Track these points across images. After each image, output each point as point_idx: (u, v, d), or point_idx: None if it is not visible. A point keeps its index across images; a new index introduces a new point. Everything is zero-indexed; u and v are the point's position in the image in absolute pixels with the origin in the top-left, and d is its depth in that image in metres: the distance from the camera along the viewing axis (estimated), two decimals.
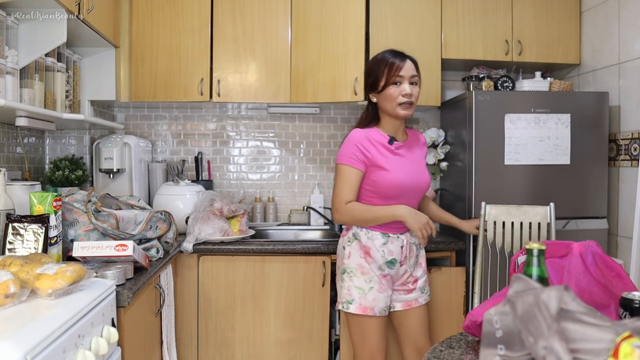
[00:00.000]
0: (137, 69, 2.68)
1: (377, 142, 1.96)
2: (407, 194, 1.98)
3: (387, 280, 1.99)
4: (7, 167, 2.23)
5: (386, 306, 1.99)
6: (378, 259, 1.97)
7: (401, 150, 2.00)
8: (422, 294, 2.07)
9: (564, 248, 1.17)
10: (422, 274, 2.09)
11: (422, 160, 2.09)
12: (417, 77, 1.98)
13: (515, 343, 0.80)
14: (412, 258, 2.04)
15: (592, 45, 2.80)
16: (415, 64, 1.99)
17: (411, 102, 1.94)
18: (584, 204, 2.59)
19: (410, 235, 2.03)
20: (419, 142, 2.11)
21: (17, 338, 0.94)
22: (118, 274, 1.52)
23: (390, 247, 1.98)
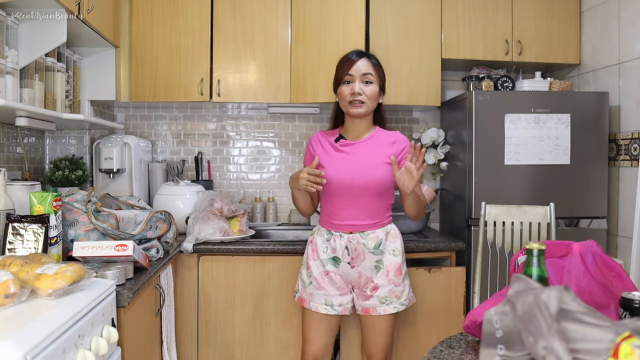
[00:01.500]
0: (137, 69, 2.68)
1: (327, 141, 2.01)
2: (348, 192, 1.93)
3: (331, 279, 1.96)
4: (7, 167, 2.23)
5: (329, 305, 1.96)
6: (321, 255, 1.98)
7: (348, 148, 1.96)
8: (382, 305, 1.95)
9: (564, 248, 1.17)
10: (387, 284, 1.95)
11: (380, 159, 1.93)
12: (372, 75, 1.92)
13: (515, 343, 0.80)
14: (365, 261, 1.94)
15: (592, 45, 2.80)
16: (374, 62, 1.96)
17: (361, 101, 1.90)
18: (584, 204, 2.59)
19: (360, 237, 1.94)
20: (386, 142, 1.98)
21: (17, 338, 0.94)
22: (118, 274, 1.52)
23: (332, 245, 1.96)
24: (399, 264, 1.97)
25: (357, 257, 1.94)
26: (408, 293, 2.00)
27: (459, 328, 2.38)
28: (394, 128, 3.14)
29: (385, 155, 1.93)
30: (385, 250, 1.95)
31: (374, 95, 1.93)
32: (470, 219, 2.58)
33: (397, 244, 1.98)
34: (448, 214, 2.97)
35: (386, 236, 1.97)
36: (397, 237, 2.00)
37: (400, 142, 1.98)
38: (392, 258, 1.96)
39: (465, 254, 2.57)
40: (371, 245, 1.94)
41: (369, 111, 1.95)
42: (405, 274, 2.01)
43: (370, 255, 1.94)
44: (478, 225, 2.42)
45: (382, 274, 1.94)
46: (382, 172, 1.92)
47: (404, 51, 2.77)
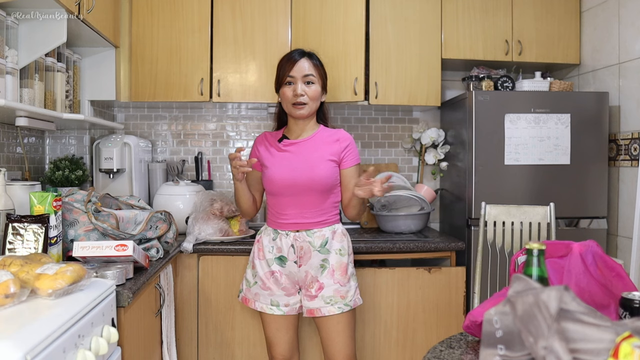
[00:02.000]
0: (137, 69, 2.68)
1: (270, 142, 2.02)
2: (291, 190, 1.93)
3: (277, 279, 1.95)
4: (7, 167, 2.23)
5: (275, 305, 1.96)
6: (267, 255, 1.97)
7: (291, 148, 1.97)
8: (326, 305, 1.91)
9: (564, 248, 1.17)
10: (333, 283, 1.92)
11: (323, 157, 1.94)
12: (313, 75, 1.93)
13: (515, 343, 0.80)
14: (311, 259, 1.93)
15: (592, 45, 2.80)
16: (315, 63, 1.96)
17: (303, 102, 1.91)
18: (584, 204, 2.59)
19: (306, 235, 1.93)
20: (330, 140, 1.98)
21: (17, 338, 0.94)
22: (118, 274, 1.52)
23: (278, 244, 1.95)
24: (345, 264, 1.95)
25: (303, 255, 1.93)
26: (354, 294, 1.96)
27: (459, 328, 2.38)
28: (394, 128, 3.18)
29: (329, 152, 1.95)
30: (331, 250, 1.94)
31: (316, 95, 1.94)
32: (470, 219, 2.58)
33: (343, 244, 1.97)
34: (448, 214, 2.97)
35: (333, 235, 1.95)
36: (345, 236, 2.00)
37: (343, 139, 1.98)
38: (338, 257, 1.94)
39: (465, 254, 2.57)
40: (317, 244, 1.93)
41: (311, 112, 1.96)
42: (352, 275, 1.99)
43: (316, 253, 1.93)
44: (478, 225, 2.42)
45: (327, 273, 1.92)
46: (325, 169, 1.92)
47: (404, 51, 2.77)
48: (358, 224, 3.05)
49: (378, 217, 2.79)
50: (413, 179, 3.14)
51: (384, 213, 2.74)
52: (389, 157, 3.17)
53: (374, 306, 2.43)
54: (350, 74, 2.70)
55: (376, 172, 3.06)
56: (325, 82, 2.00)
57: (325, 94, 2.01)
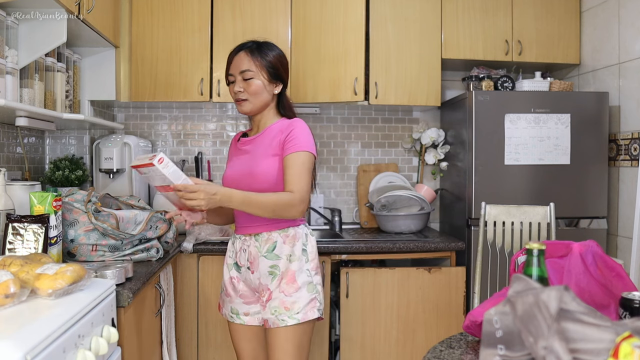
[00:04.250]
0: (137, 69, 2.68)
1: (235, 142, 1.93)
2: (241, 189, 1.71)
3: (234, 286, 1.82)
4: (7, 167, 2.23)
5: (235, 314, 1.82)
6: (228, 260, 1.86)
7: (247, 146, 1.84)
8: (271, 316, 1.71)
9: (564, 248, 1.17)
10: (279, 293, 1.71)
11: (266, 152, 1.76)
12: (250, 70, 1.76)
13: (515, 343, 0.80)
14: (259, 265, 1.74)
15: (592, 45, 2.80)
16: (253, 55, 1.78)
17: (243, 99, 1.77)
18: (584, 204, 2.59)
19: (254, 239, 1.76)
20: (277, 132, 1.78)
21: (17, 338, 0.94)
22: (118, 273, 1.52)
23: (236, 248, 1.83)
24: (293, 272, 1.73)
25: (253, 261, 1.76)
26: (304, 306, 1.71)
27: (459, 328, 2.38)
28: (394, 128, 3.18)
29: (273, 146, 1.75)
30: (281, 255, 1.74)
31: (257, 89, 1.76)
32: (470, 219, 2.58)
33: (295, 248, 1.75)
34: (448, 214, 2.97)
35: (284, 239, 1.75)
36: (297, 240, 1.76)
37: (287, 128, 1.76)
38: (286, 264, 1.73)
39: (465, 254, 2.57)
40: (264, 249, 1.74)
41: (255, 107, 1.79)
42: (308, 285, 1.74)
43: (263, 259, 1.74)
44: (478, 225, 2.42)
45: (277, 281, 1.73)
46: (266, 166, 1.73)
47: (404, 51, 2.77)
48: (358, 223, 3.05)
49: (378, 217, 2.79)
50: (413, 179, 3.14)
51: (384, 213, 2.74)
52: (389, 157, 3.17)
53: (374, 306, 2.44)
54: (350, 74, 2.70)
55: (376, 172, 3.06)
56: (274, 72, 1.78)
57: (280, 83, 1.81)
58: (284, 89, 1.84)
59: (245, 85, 1.77)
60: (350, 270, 2.46)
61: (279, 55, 1.82)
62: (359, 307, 2.44)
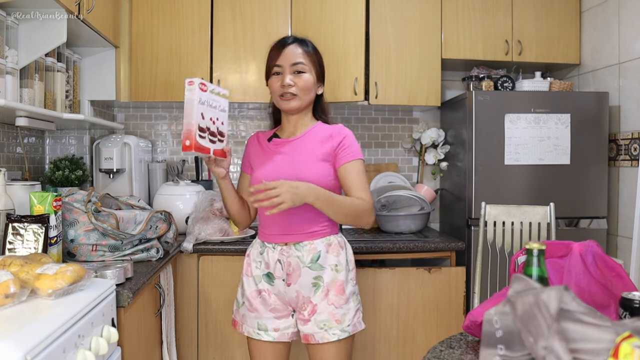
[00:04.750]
0: (137, 69, 2.68)
1: (261, 142, 1.79)
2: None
3: (264, 299, 1.69)
4: (7, 167, 2.23)
5: (262, 330, 1.69)
6: (254, 271, 1.71)
7: (280, 148, 1.72)
8: (320, 331, 1.62)
9: (564, 248, 1.17)
10: (327, 305, 1.62)
11: (314, 157, 1.67)
12: (303, 63, 1.66)
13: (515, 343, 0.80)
14: (301, 277, 1.64)
15: (592, 45, 2.80)
16: (306, 50, 1.70)
17: (292, 93, 1.65)
18: (584, 204, 2.59)
19: (295, 249, 1.65)
20: (322, 137, 1.70)
21: (17, 338, 0.94)
22: (118, 273, 1.52)
23: (266, 259, 1.69)
24: (341, 282, 1.65)
25: (292, 272, 1.64)
26: (353, 318, 1.66)
27: (459, 328, 2.38)
28: (394, 128, 3.18)
29: (321, 151, 1.67)
30: (325, 265, 1.65)
31: (307, 86, 1.67)
32: (470, 219, 2.58)
33: (340, 258, 1.67)
34: (448, 214, 2.97)
35: (327, 248, 1.66)
36: (342, 249, 1.70)
37: (337, 134, 1.68)
38: (333, 274, 1.65)
39: (465, 254, 2.57)
40: (307, 259, 1.64)
41: (303, 105, 1.69)
42: (353, 295, 1.68)
43: (306, 270, 1.64)
44: (478, 225, 2.42)
45: (321, 293, 1.64)
46: (314, 171, 1.64)
47: (404, 51, 2.77)
48: None
49: (378, 217, 2.79)
50: (413, 179, 3.14)
51: (384, 213, 2.74)
52: (389, 157, 3.17)
53: (374, 306, 2.43)
54: (350, 74, 2.70)
55: (376, 172, 3.06)
56: (320, 71, 1.73)
57: (321, 85, 1.75)
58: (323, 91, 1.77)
59: (297, 79, 1.66)
60: None
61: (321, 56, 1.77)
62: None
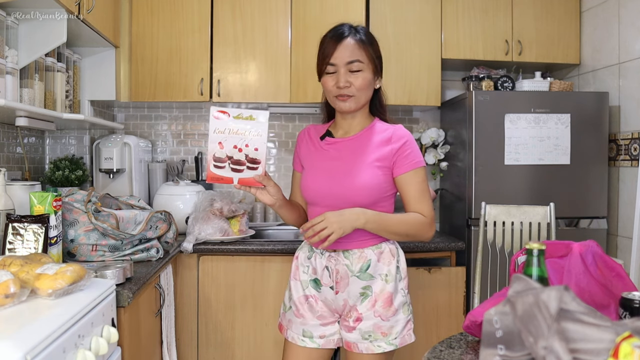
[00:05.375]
0: (137, 69, 2.68)
1: (313, 139, 1.67)
2: (327, 200, 1.56)
3: (312, 305, 1.60)
4: (7, 167, 2.23)
5: (308, 337, 1.60)
6: (302, 275, 1.63)
7: (334, 147, 1.61)
8: (364, 341, 1.54)
9: (564, 248, 1.17)
10: (373, 316, 1.54)
11: (368, 162, 1.55)
12: (359, 61, 1.53)
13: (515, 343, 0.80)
14: (349, 286, 1.55)
15: (592, 45, 2.80)
16: (362, 42, 1.56)
17: (348, 95, 1.54)
18: (584, 204, 2.59)
19: (344, 256, 1.56)
20: (380, 139, 1.57)
21: (17, 338, 0.94)
22: (118, 273, 1.52)
23: (313, 264, 1.60)
24: (390, 293, 1.55)
25: (340, 280, 1.56)
26: (402, 330, 1.57)
27: (459, 328, 2.38)
28: None
29: (377, 156, 1.55)
30: (375, 275, 1.56)
31: (365, 85, 1.54)
32: (470, 219, 2.58)
33: (391, 267, 1.57)
34: (448, 214, 2.97)
35: (378, 257, 1.56)
36: (394, 258, 1.59)
37: (397, 139, 1.56)
38: (382, 284, 1.55)
39: (465, 254, 2.57)
40: (356, 268, 1.55)
41: (360, 104, 1.57)
42: (404, 306, 1.58)
43: (355, 279, 1.55)
44: (478, 225, 2.42)
45: (368, 302, 1.55)
46: (369, 177, 1.53)
47: (404, 51, 2.77)
48: None
49: None
50: None
51: None
52: None
53: None
54: None
55: None
56: (379, 64, 1.59)
57: (379, 79, 1.61)
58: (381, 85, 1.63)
59: (353, 79, 1.53)
60: None
61: (379, 45, 1.62)
62: None
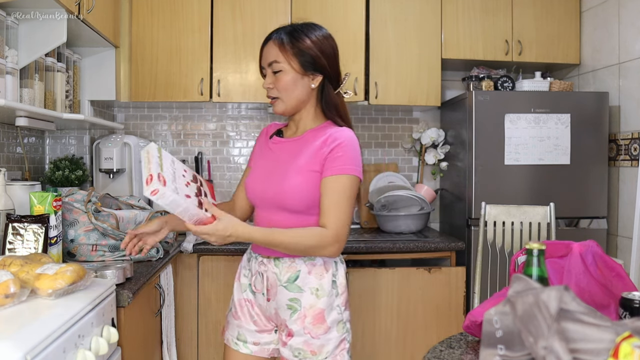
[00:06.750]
0: (137, 69, 2.68)
1: (265, 136, 1.63)
2: (262, 204, 1.51)
3: (249, 310, 1.53)
4: (7, 167, 2.23)
5: (242, 341, 1.54)
6: (242, 278, 1.57)
7: (278, 147, 1.54)
8: (294, 358, 1.44)
9: (564, 248, 1.17)
10: (302, 333, 1.44)
11: (302, 165, 1.44)
12: (277, 62, 1.46)
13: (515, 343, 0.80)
14: (277, 295, 1.46)
15: (592, 45, 2.80)
16: (283, 42, 1.46)
17: (272, 96, 1.49)
18: (584, 204, 2.59)
19: (274, 264, 1.46)
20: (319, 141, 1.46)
21: (17, 338, 0.94)
22: (117, 273, 1.52)
23: (251, 267, 1.54)
24: (321, 310, 1.43)
25: (270, 288, 1.47)
26: (334, 350, 1.44)
27: (459, 328, 2.38)
28: (394, 128, 3.18)
29: (312, 159, 1.44)
30: (304, 287, 1.44)
31: (287, 85, 1.45)
32: (470, 219, 2.58)
33: (323, 282, 1.45)
34: (448, 214, 2.97)
35: (310, 269, 1.45)
36: (328, 271, 1.46)
37: (332, 140, 1.43)
38: (312, 299, 1.44)
39: (465, 254, 2.57)
40: (284, 277, 1.45)
41: (290, 106, 1.49)
42: (338, 324, 1.46)
43: (282, 289, 1.45)
44: (478, 225, 2.42)
45: (297, 318, 1.44)
46: (300, 182, 1.42)
47: (404, 51, 2.77)
48: (358, 223, 3.05)
49: (378, 217, 2.79)
50: (413, 179, 3.14)
51: (384, 213, 2.74)
52: (389, 157, 3.17)
53: (374, 306, 2.43)
54: (351, 74, 2.70)
55: (376, 172, 3.06)
56: (309, 61, 1.46)
57: (318, 76, 1.48)
58: (328, 83, 1.50)
59: (274, 80, 1.47)
60: (350, 270, 2.46)
61: (317, 39, 1.47)
62: (359, 307, 2.43)
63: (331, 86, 1.51)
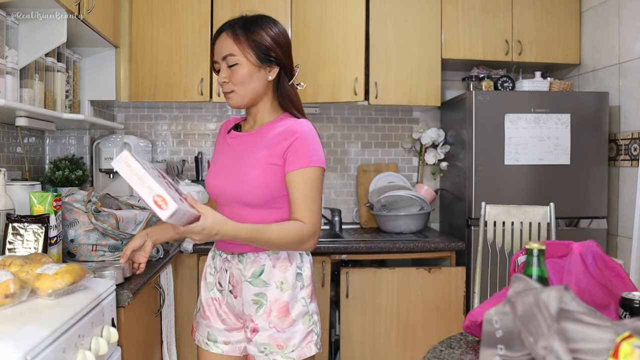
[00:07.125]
0: (137, 69, 2.68)
1: (224, 131, 1.60)
2: (222, 200, 1.49)
3: (217, 309, 1.52)
4: (7, 167, 2.23)
5: (212, 341, 1.54)
6: (208, 277, 1.56)
7: (236, 141, 1.52)
8: (260, 354, 1.44)
9: (564, 248, 1.17)
10: (268, 327, 1.43)
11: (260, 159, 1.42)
12: (232, 55, 1.42)
13: (515, 343, 0.80)
14: (243, 292, 1.45)
15: (592, 45, 2.80)
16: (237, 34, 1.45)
17: (228, 90, 1.45)
18: (584, 204, 2.59)
19: (238, 260, 1.46)
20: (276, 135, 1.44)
21: (17, 338, 0.94)
22: (118, 273, 1.52)
23: (215, 265, 1.54)
24: (286, 302, 1.43)
25: (236, 285, 1.47)
26: (300, 343, 1.43)
27: (459, 328, 2.38)
28: (394, 128, 3.18)
29: (270, 153, 1.41)
30: (270, 282, 1.43)
31: (243, 78, 1.42)
32: (470, 219, 2.58)
33: (287, 275, 1.44)
34: (448, 214, 2.97)
35: (274, 262, 1.44)
36: (292, 264, 1.45)
37: (290, 133, 1.42)
38: (277, 293, 1.43)
39: (465, 254, 2.57)
40: (248, 273, 1.44)
41: (246, 100, 1.46)
42: (304, 316, 1.45)
43: (247, 285, 1.44)
44: (478, 225, 2.42)
45: (263, 312, 1.44)
46: (257, 176, 1.40)
47: (404, 51, 2.77)
48: (358, 223, 3.05)
49: (378, 217, 2.79)
50: (413, 179, 3.14)
51: (384, 213, 2.74)
52: (389, 157, 3.17)
53: (374, 306, 2.43)
54: (350, 74, 2.70)
55: (376, 172, 3.06)
56: (265, 53, 1.44)
57: (275, 68, 1.46)
58: (284, 75, 1.49)
59: (230, 73, 1.44)
60: (350, 270, 2.46)
61: (271, 30, 1.48)
62: (359, 307, 2.44)
63: (286, 78, 1.50)
